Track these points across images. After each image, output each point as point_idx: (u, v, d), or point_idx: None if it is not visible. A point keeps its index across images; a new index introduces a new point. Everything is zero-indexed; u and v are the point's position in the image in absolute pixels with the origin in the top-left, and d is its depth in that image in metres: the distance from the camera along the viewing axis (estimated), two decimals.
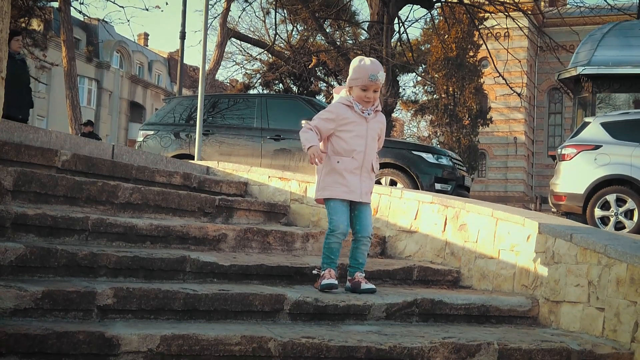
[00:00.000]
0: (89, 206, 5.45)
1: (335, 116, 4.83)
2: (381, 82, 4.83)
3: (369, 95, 4.80)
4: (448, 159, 11.03)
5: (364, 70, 4.79)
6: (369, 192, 4.92)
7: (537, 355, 4.11)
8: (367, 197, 4.90)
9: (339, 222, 4.80)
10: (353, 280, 4.80)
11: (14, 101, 9.71)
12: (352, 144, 4.81)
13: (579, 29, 26.37)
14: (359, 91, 4.81)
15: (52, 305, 3.76)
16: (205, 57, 10.87)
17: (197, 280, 4.69)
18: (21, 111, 9.88)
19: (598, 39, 17.37)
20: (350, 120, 4.82)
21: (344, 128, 4.82)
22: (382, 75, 4.80)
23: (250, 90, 33.06)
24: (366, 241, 4.90)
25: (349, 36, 31.90)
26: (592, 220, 10.71)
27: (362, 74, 4.79)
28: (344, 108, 4.85)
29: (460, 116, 40.25)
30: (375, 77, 4.76)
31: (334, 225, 4.81)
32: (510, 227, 5.36)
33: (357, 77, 4.82)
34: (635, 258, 4.25)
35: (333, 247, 4.82)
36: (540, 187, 51.40)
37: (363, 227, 4.89)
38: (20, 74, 9.92)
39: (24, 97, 9.99)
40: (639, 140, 10.73)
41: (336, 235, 4.80)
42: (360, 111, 4.82)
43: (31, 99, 10.21)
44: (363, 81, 4.78)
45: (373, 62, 4.85)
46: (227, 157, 11.14)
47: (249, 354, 3.72)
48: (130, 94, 50.84)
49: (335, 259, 4.83)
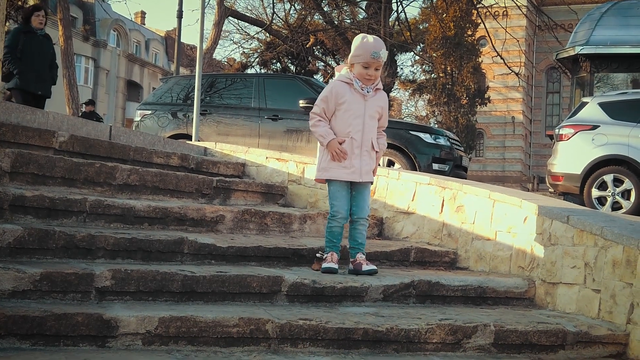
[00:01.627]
0: (86, 188, 5.45)
1: (332, 94, 4.83)
2: (383, 59, 4.80)
3: (370, 72, 4.77)
4: (445, 139, 11.03)
5: (367, 47, 4.75)
6: (369, 171, 4.91)
7: (533, 337, 4.13)
8: (367, 176, 4.89)
9: (340, 207, 4.84)
10: (355, 262, 4.81)
11: (35, 77, 9.72)
12: (349, 124, 4.80)
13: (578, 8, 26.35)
14: (360, 68, 4.78)
15: (51, 287, 3.78)
16: (203, 36, 10.82)
17: (194, 262, 4.70)
18: (42, 87, 9.82)
19: (596, 18, 17.35)
20: (347, 98, 4.80)
21: (341, 107, 4.82)
22: (384, 53, 4.77)
23: (248, 69, 32.99)
24: (363, 222, 4.91)
25: (346, 15, 31.78)
26: (589, 200, 10.73)
27: (364, 51, 4.75)
28: (342, 86, 4.84)
29: (458, 95, 40.16)
30: (377, 55, 4.72)
31: (334, 211, 4.84)
32: (507, 209, 5.37)
33: (359, 54, 4.78)
34: (631, 240, 4.27)
35: (335, 231, 4.85)
36: (537, 167, 51.46)
37: (360, 208, 4.90)
38: (42, 50, 9.87)
39: (46, 74, 9.91)
40: (636, 121, 10.73)
41: (337, 219, 4.84)
42: (360, 88, 4.80)
43: (54, 75, 10.12)
44: (365, 58, 4.74)
45: (376, 40, 4.81)
46: (225, 137, 11.13)
47: (246, 335, 3.74)
48: (127, 72, 50.65)
49: (337, 242, 4.86)
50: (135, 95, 50.19)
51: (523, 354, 4.13)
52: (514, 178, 52.29)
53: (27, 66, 9.64)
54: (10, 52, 9.50)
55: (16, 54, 9.55)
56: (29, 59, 9.66)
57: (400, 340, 3.96)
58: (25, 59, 9.62)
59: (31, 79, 9.69)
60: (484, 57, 42.91)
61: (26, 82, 9.64)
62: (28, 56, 9.66)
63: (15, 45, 9.58)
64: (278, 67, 33.34)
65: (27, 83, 9.65)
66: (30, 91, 9.69)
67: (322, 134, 4.82)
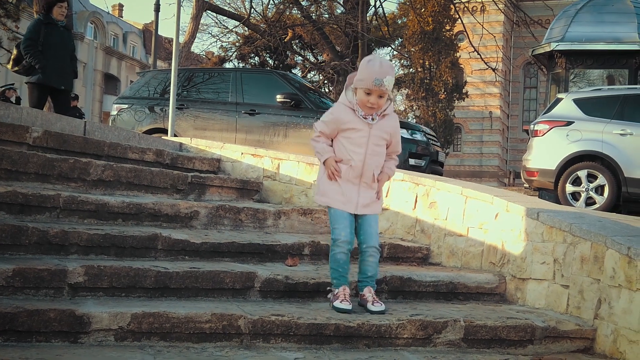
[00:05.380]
0: (60, 183, 5.44)
1: (334, 118, 4.41)
2: (387, 88, 4.26)
3: (372, 100, 4.27)
4: (422, 134, 11.10)
5: (370, 72, 4.25)
6: (368, 204, 4.42)
7: (502, 332, 4.19)
8: (364, 209, 4.41)
9: (341, 231, 4.36)
10: (363, 296, 4.38)
11: (57, 71, 9.28)
12: (350, 152, 4.36)
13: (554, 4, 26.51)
14: (362, 94, 4.29)
15: (23, 283, 3.79)
16: (179, 30, 10.79)
17: (168, 258, 4.72)
18: (64, 81, 9.39)
19: (572, 15, 17.50)
20: (350, 125, 4.35)
21: (343, 134, 4.39)
22: (388, 80, 4.23)
23: (226, 63, 32.91)
24: (373, 251, 4.42)
25: (324, 10, 31.80)
26: (564, 195, 10.85)
27: (366, 76, 4.25)
28: (345, 110, 4.39)
29: (437, 90, 40.30)
30: (379, 83, 4.21)
31: (335, 235, 4.38)
32: (479, 205, 5.43)
33: (361, 78, 4.28)
34: (599, 237, 4.34)
35: (339, 257, 4.35)
36: (514, 162, 51.76)
37: (368, 235, 4.42)
38: (63, 43, 9.42)
39: (68, 67, 9.47)
40: (610, 117, 10.86)
41: (339, 245, 4.36)
42: (363, 117, 4.35)
43: (75, 69, 9.67)
44: (366, 84, 4.25)
45: (382, 65, 4.28)
46: (202, 131, 11.13)
47: (219, 331, 3.77)
48: (104, 65, 50.32)
49: (344, 273, 4.36)
50: (113, 89, 49.91)
51: (492, 348, 4.19)
52: (491, 173, 52.65)
53: (50, 60, 9.18)
54: (32, 44, 9.07)
55: (38, 47, 9.09)
56: (51, 51, 9.20)
57: (372, 336, 4.00)
58: (46, 52, 9.14)
59: (54, 73, 9.24)
60: (462, 52, 43.08)
61: (49, 77, 9.19)
62: (50, 49, 9.19)
63: (37, 38, 9.07)
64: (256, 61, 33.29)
65: (50, 78, 9.20)
66: (53, 86, 9.28)
67: (319, 151, 4.43)
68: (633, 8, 17.31)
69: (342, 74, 26.03)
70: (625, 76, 16.80)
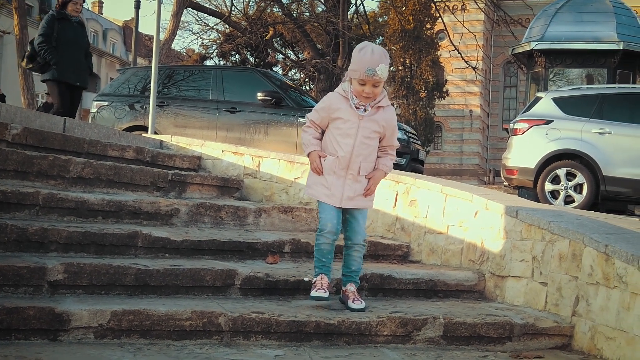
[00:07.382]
0: (40, 181, 5.42)
1: (325, 106, 4.38)
2: (381, 77, 4.18)
3: (367, 90, 4.22)
4: (402, 133, 11.14)
5: (362, 62, 4.17)
6: (353, 197, 4.35)
7: (481, 329, 4.23)
8: (349, 202, 4.35)
9: (327, 221, 4.33)
10: (345, 292, 4.39)
11: (72, 67, 9.15)
12: (338, 142, 4.31)
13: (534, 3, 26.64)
14: (356, 84, 4.24)
15: (2, 280, 3.77)
16: (159, 27, 10.76)
17: (148, 255, 4.71)
18: (79, 78, 9.27)
19: (551, 14, 17.59)
20: (340, 114, 4.31)
21: (333, 124, 4.35)
22: (382, 69, 4.14)
23: (207, 61, 32.83)
24: (358, 247, 4.42)
25: (305, 8, 31.78)
26: (543, 194, 10.90)
27: (358, 66, 4.19)
28: (339, 99, 4.35)
29: (417, 89, 40.47)
30: (372, 72, 4.14)
31: (321, 224, 4.36)
32: (458, 203, 5.46)
33: (354, 68, 4.22)
34: (577, 234, 4.38)
35: (323, 248, 4.34)
36: (494, 160, 52.02)
37: (354, 232, 4.41)
38: (77, 39, 9.28)
39: (82, 63, 9.33)
40: (589, 116, 10.92)
41: (324, 235, 4.33)
42: (355, 107, 4.29)
43: (90, 64, 9.53)
44: (359, 74, 4.19)
45: (374, 53, 4.18)
46: (182, 129, 11.09)
47: (199, 328, 3.78)
48: None
49: (327, 263, 4.35)
50: (93, 86, 49.43)
51: (471, 345, 4.22)
52: (472, 171, 52.87)
53: (64, 56, 9.03)
54: (46, 40, 8.94)
55: (52, 43, 8.96)
56: (65, 47, 9.07)
57: (352, 333, 4.03)
58: (60, 48, 9.02)
59: (69, 69, 9.10)
60: (443, 51, 43.28)
61: (63, 73, 9.05)
62: (64, 45, 9.06)
63: (50, 33, 9.00)
64: (237, 59, 33.22)
65: (64, 74, 9.07)
66: (69, 83, 9.14)
67: (305, 143, 4.42)
68: (612, 8, 17.41)
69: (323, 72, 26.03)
70: (604, 75, 16.91)
